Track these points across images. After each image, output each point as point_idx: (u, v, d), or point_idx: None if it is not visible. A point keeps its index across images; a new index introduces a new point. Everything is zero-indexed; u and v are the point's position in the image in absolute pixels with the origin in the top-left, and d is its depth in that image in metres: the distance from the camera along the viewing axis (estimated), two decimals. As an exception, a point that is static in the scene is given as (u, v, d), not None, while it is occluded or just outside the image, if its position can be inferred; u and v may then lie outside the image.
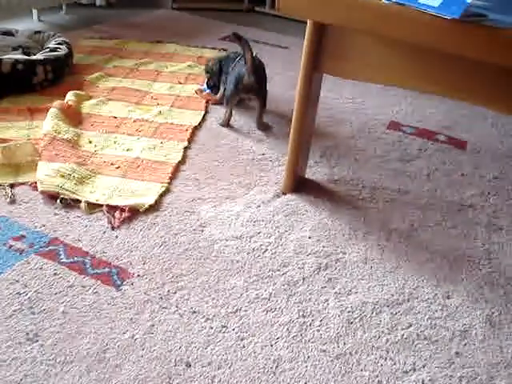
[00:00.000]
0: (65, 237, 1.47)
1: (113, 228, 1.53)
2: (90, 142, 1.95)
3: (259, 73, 2.15)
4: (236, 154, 1.99)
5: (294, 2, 1.43)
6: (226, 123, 2.22)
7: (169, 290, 1.33)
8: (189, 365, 1.14)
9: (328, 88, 2.59)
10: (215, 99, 2.40)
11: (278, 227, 1.61)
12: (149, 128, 2.09)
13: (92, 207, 1.60)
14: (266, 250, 1.51)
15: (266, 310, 1.30)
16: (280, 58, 3.06)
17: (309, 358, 1.19)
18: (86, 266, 1.38)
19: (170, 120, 2.18)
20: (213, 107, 2.35)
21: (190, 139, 2.06)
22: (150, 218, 1.59)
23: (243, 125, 2.22)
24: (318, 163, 1.98)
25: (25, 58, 2.27)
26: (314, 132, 1.84)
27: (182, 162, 1.89)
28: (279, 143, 2.08)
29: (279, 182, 1.82)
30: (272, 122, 2.26)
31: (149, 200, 1.64)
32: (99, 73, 2.56)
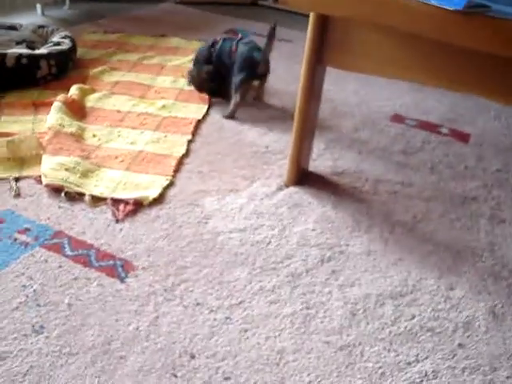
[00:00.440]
0: (69, 230, 1.48)
1: (117, 221, 1.54)
2: (94, 135, 1.95)
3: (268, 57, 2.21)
4: (239, 147, 1.99)
5: (297, -5, 1.43)
6: (233, 114, 2.20)
7: (173, 282, 1.34)
8: (193, 356, 1.15)
9: (331, 81, 2.57)
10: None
11: (281, 219, 1.61)
12: (153, 121, 2.10)
13: (96, 200, 1.61)
14: (269, 242, 1.51)
15: (270, 302, 1.31)
16: (283, 52, 3.05)
17: (312, 349, 1.20)
18: (91, 258, 1.39)
19: (173, 113, 2.18)
20: (217, 101, 2.35)
21: (194, 132, 2.06)
22: (154, 210, 1.60)
23: (247, 118, 2.22)
24: (321, 156, 1.98)
25: (29, 52, 2.28)
26: (317, 125, 1.84)
27: (185, 155, 1.90)
28: (282, 136, 2.08)
29: (283, 174, 1.82)
30: (275, 114, 2.27)
31: (153, 193, 1.65)
32: (103, 67, 2.56)
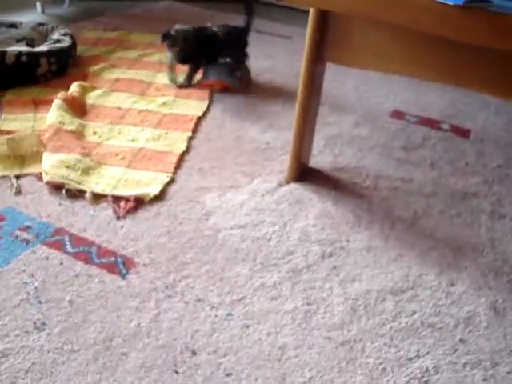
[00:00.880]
0: (70, 227, 1.48)
1: (118, 218, 1.54)
2: (95, 133, 1.95)
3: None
4: (240, 144, 1.99)
5: (297, -9, 1.43)
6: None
7: (174, 279, 1.34)
8: (194, 352, 1.15)
9: (331, 77, 2.58)
10: (229, 85, 2.41)
11: (282, 216, 1.61)
12: (153, 118, 2.10)
13: (97, 197, 1.61)
14: (270, 238, 1.52)
15: (271, 298, 1.31)
16: (283, 48, 3.06)
17: (313, 345, 1.20)
18: (92, 255, 1.39)
19: (174, 110, 2.18)
20: (217, 97, 2.35)
21: (195, 129, 2.06)
22: (155, 207, 1.60)
23: (248, 114, 2.22)
24: (321, 152, 1.98)
25: (29, 49, 2.28)
26: (317, 121, 1.84)
27: (186, 152, 1.90)
28: (283, 132, 2.08)
29: (283, 170, 1.82)
30: (275, 111, 2.27)
31: (154, 190, 1.65)
32: (103, 64, 2.56)
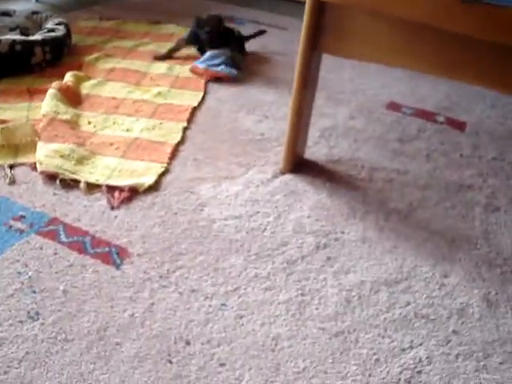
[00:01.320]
0: (64, 217, 1.48)
1: (112, 208, 1.54)
2: (90, 122, 1.95)
3: None
4: (235, 134, 1.99)
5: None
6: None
7: (168, 269, 1.34)
8: (188, 342, 1.15)
9: (327, 68, 2.57)
10: (225, 75, 2.41)
11: (276, 207, 1.61)
12: (148, 108, 2.09)
13: (91, 187, 1.60)
14: (265, 229, 1.52)
15: (265, 289, 1.31)
16: (279, 39, 3.04)
17: (307, 335, 1.20)
18: (86, 245, 1.39)
19: (169, 100, 2.17)
20: (212, 87, 2.34)
21: (190, 119, 2.06)
22: (150, 197, 1.60)
23: (243, 105, 2.21)
24: (317, 143, 1.98)
25: (23, 38, 2.26)
26: (312, 112, 1.83)
27: (181, 143, 1.89)
28: (278, 123, 2.08)
29: (278, 161, 1.82)
30: (271, 101, 2.26)
31: (148, 180, 1.65)
32: (98, 53, 2.55)
